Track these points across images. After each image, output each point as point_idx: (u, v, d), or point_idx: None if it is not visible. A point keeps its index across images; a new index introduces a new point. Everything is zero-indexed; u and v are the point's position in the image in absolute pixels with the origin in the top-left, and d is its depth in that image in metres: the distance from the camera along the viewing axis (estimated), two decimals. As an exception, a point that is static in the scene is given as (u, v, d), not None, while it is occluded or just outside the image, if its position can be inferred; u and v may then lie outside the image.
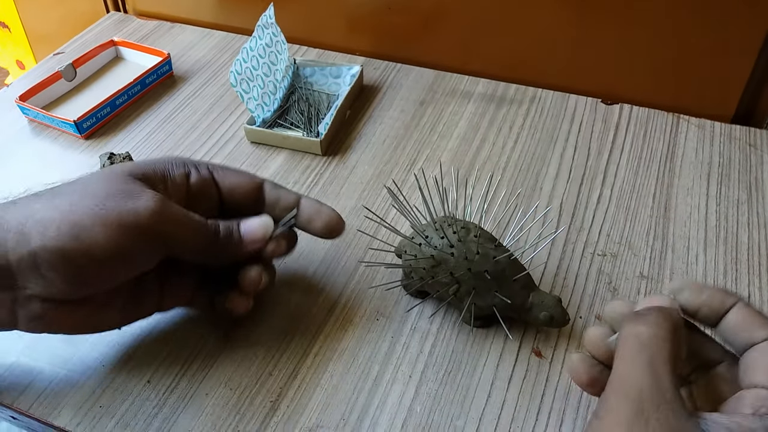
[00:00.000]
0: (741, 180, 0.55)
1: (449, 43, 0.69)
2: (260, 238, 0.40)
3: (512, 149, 0.59)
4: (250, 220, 0.40)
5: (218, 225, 0.39)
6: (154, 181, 0.39)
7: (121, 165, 0.39)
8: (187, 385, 0.41)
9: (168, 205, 0.37)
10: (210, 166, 0.42)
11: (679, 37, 0.60)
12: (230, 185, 0.41)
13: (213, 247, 0.39)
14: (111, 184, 0.36)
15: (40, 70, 0.70)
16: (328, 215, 0.42)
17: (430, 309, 0.45)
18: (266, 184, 0.42)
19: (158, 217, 0.36)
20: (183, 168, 0.40)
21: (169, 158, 0.41)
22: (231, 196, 0.42)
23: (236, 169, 0.43)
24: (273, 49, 0.60)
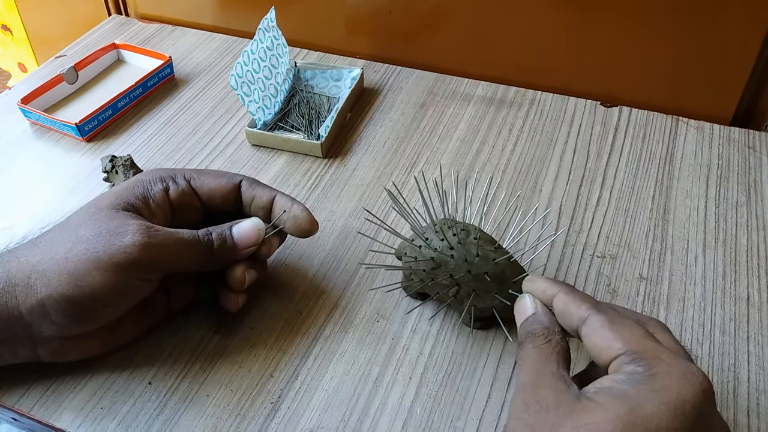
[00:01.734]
0: (740, 182, 0.55)
1: (449, 46, 0.69)
2: (254, 242, 0.41)
3: (512, 152, 0.59)
4: (241, 224, 0.41)
5: (210, 235, 0.40)
6: (138, 207, 0.39)
7: (104, 197, 0.40)
8: (188, 386, 0.41)
9: (155, 233, 0.38)
10: (186, 174, 0.42)
11: (677, 39, 0.60)
12: (209, 191, 0.42)
13: (209, 259, 0.40)
14: (97, 223, 0.38)
15: (42, 73, 0.70)
16: (296, 216, 0.42)
17: (430, 311, 0.45)
18: (243, 182, 0.43)
19: (147, 249, 0.37)
20: (161, 183, 0.41)
21: (146, 176, 0.41)
22: (211, 200, 0.42)
23: (214, 172, 0.43)
24: (274, 53, 0.60)
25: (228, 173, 0.43)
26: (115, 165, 0.55)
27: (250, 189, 0.42)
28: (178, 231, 0.39)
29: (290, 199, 0.42)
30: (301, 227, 0.42)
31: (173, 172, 0.42)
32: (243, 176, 0.43)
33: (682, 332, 0.44)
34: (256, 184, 0.43)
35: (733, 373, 0.41)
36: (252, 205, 0.42)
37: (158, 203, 0.40)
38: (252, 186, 0.43)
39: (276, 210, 0.42)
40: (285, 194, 0.43)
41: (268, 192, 0.42)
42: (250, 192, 0.42)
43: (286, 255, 0.49)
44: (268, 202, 0.42)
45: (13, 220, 0.53)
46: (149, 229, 0.37)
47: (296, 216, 0.42)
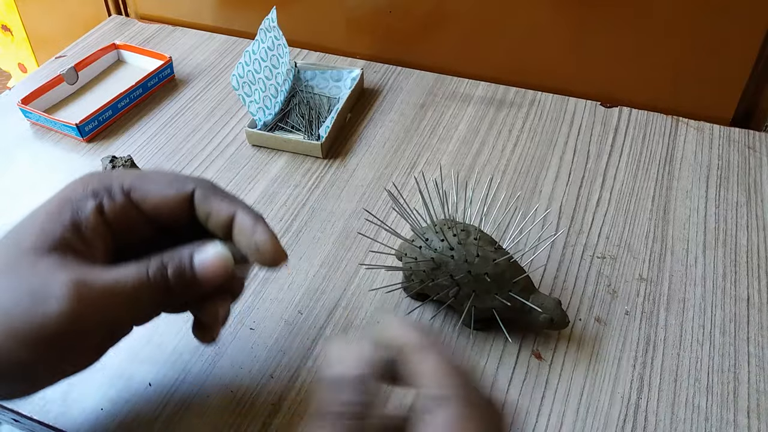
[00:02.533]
0: (740, 182, 0.55)
1: (449, 47, 0.69)
2: (221, 275, 0.32)
3: (512, 152, 0.59)
4: (203, 252, 0.32)
5: (164, 269, 0.31)
6: (68, 241, 0.31)
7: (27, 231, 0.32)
8: (189, 387, 0.41)
9: (86, 290, 0.29)
10: (126, 183, 0.33)
11: (677, 40, 0.60)
12: (154, 203, 0.33)
13: (165, 300, 0.32)
14: (16, 280, 0.30)
15: (42, 74, 0.70)
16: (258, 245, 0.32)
17: (431, 312, 0.45)
18: (196, 192, 0.33)
19: (78, 316, 0.29)
20: (93, 200, 0.32)
21: (76, 190, 0.33)
22: (158, 216, 0.34)
23: (160, 177, 0.34)
24: (275, 53, 0.60)
25: (179, 178, 0.34)
26: (115, 165, 0.55)
27: (204, 202, 0.33)
28: (119, 276, 0.30)
29: (253, 218, 0.33)
30: (264, 258, 0.32)
31: (109, 181, 0.33)
32: (197, 181, 0.34)
33: (682, 333, 0.44)
34: (212, 195, 0.33)
35: (733, 373, 0.41)
36: (208, 223, 0.33)
37: (92, 228, 0.32)
38: (207, 198, 0.33)
39: (237, 233, 0.33)
40: (247, 209, 0.33)
41: (226, 206, 0.33)
42: (205, 206, 0.33)
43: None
44: (227, 221, 0.33)
45: (13, 221, 0.53)
46: (79, 287, 0.29)
47: (258, 245, 0.32)
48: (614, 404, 0.40)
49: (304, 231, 0.51)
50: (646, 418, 0.39)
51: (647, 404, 0.40)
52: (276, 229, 0.52)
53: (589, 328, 0.44)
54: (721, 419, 0.39)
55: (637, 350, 0.43)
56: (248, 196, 0.55)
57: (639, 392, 0.40)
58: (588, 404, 0.40)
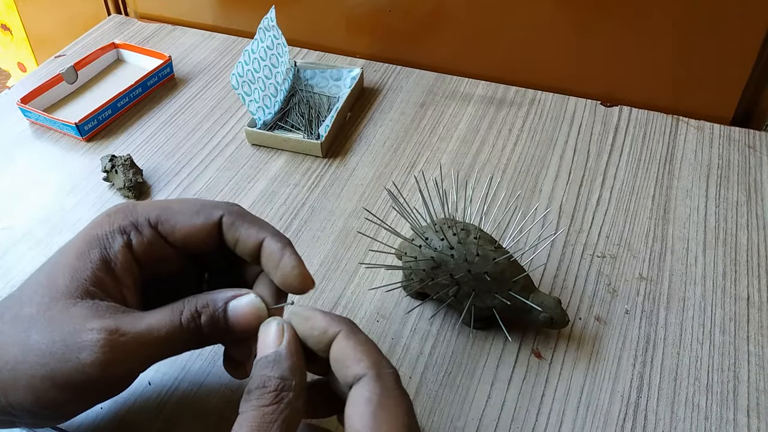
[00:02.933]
0: (740, 182, 0.55)
1: (449, 46, 0.69)
2: (254, 324, 0.32)
3: (512, 151, 0.59)
4: (238, 302, 0.32)
5: (197, 319, 0.31)
6: (99, 281, 0.32)
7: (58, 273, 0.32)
8: (188, 387, 0.41)
9: (119, 342, 0.29)
10: (153, 216, 0.34)
11: (678, 39, 0.60)
12: (182, 236, 0.33)
13: (196, 346, 0.32)
14: (51, 325, 0.30)
15: (42, 73, 0.70)
16: (284, 274, 0.32)
17: (430, 311, 0.45)
18: (224, 219, 0.33)
19: (112, 365, 0.29)
20: (121, 237, 0.33)
21: (103, 227, 0.33)
22: (187, 246, 0.34)
23: (188, 206, 0.34)
24: (274, 52, 0.60)
25: (206, 206, 0.34)
26: (114, 165, 0.55)
27: (232, 229, 0.33)
28: (151, 324, 0.30)
29: (282, 245, 0.33)
30: (290, 285, 0.32)
31: (135, 216, 0.34)
32: (224, 208, 0.34)
33: (682, 332, 0.44)
34: (240, 221, 0.33)
35: (733, 372, 0.41)
36: (236, 248, 0.34)
37: (121, 265, 0.32)
38: (235, 225, 0.33)
39: (265, 259, 0.33)
40: (277, 236, 0.33)
41: (254, 233, 0.33)
42: (233, 233, 0.33)
43: (286, 255, 0.49)
44: (255, 247, 0.33)
45: (12, 220, 0.53)
46: (112, 338, 0.29)
47: (285, 274, 0.32)
48: (614, 403, 0.40)
49: (303, 230, 0.51)
50: (645, 416, 0.39)
51: (647, 403, 0.40)
52: (275, 228, 0.52)
53: (589, 327, 0.44)
54: (720, 418, 0.39)
55: (637, 349, 0.43)
56: (248, 195, 0.55)
57: (639, 391, 0.40)
58: (588, 403, 0.40)
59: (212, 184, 0.56)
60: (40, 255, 0.50)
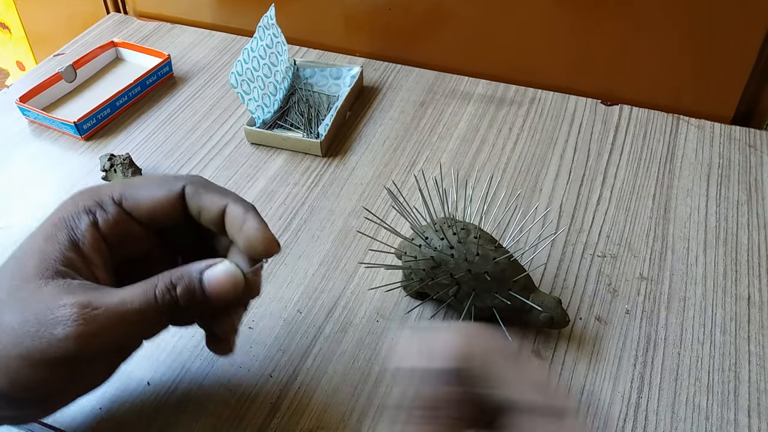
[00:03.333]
0: (741, 181, 0.55)
1: (449, 45, 0.69)
2: (231, 292, 0.32)
3: (512, 150, 0.59)
4: (212, 270, 0.32)
5: (173, 290, 0.31)
6: (68, 261, 0.31)
7: (27, 256, 0.32)
8: (187, 386, 0.41)
9: (93, 315, 0.29)
10: (116, 193, 0.34)
11: (678, 38, 0.60)
12: (146, 208, 0.34)
13: (174, 320, 0.32)
14: (22, 305, 0.30)
15: (41, 72, 0.70)
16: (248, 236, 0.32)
17: (430, 310, 0.45)
18: (187, 189, 0.34)
19: (86, 339, 0.29)
20: (87, 217, 0.33)
21: (68, 209, 0.33)
22: (153, 220, 0.34)
23: (149, 182, 0.34)
24: (273, 51, 0.60)
25: (167, 179, 0.34)
26: (113, 164, 0.55)
27: (195, 198, 0.34)
28: (125, 298, 0.30)
29: (244, 209, 0.33)
30: (255, 248, 0.32)
31: (99, 195, 0.34)
32: (186, 179, 0.34)
33: (682, 332, 0.43)
34: (203, 190, 0.34)
35: (734, 372, 0.41)
36: (201, 218, 0.34)
37: (90, 244, 0.32)
38: (198, 193, 0.34)
39: (228, 224, 0.33)
40: (239, 201, 0.33)
41: (217, 200, 0.33)
42: (196, 201, 0.34)
43: (286, 254, 0.49)
44: (219, 214, 0.33)
45: (11, 219, 0.53)
46: (85, 312, 0.29)
47: (248, 237, 0.32)
48: (614, 403, 0.40)
49: (303, 229, 0.51)
50: (646, 417, 0.39)
51: (647, 403, 0.40)
52: (275, 227, 0.51)
53: (590, 327, 0.44)
54: (721, 418, 0.39)
55: (638, 349, 0.42)
56: (247, 194, 0.55)
57: (639, 391, 0.40)
58: (588, 403, 0.40)
59: (211, 183, 0.56)
60: (38, 254, 0.50)
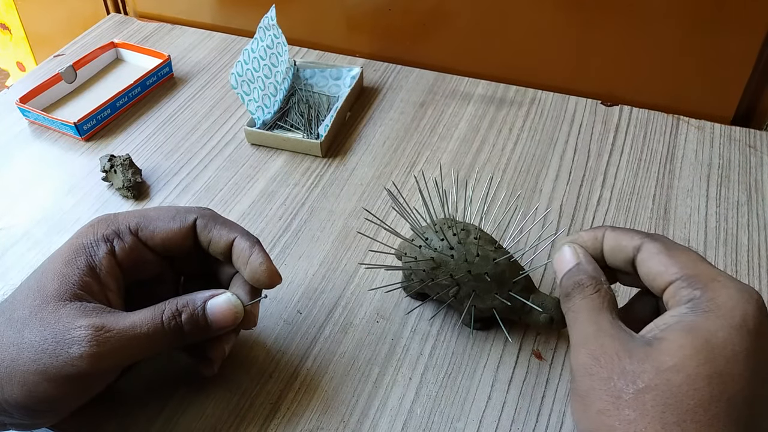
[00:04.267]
0: (741, 181, 0.55)
1: (449, 45, 0.69)
2: (231, 323, 0.36)
3: (512, 151, 0.59)
4: (215, 301, 0.36)
5: (178, 317, 0.34)
6: (86, 285, 0.35)
7: (48, 278, 0.35)
8: (187, 387, 0.41)
9: (105, 338, 0.32)
10: (132, 224, 0.37)
11: (678, 38, 0.60)
12: (161, 240, 0.37)
13: (177, 343, 0.35)
14: (42, 325, 0.33)
15: (41, 72, 0.70)
16: (253, 270, 0.36)
17: (430, 311, 0.45)
18: (198, 222, 0.37)
19: (98, 359, 0.32)
20: (105, 245, 0.36)
21: (88, 236, 0.36)
22: (166, 250, 0.38)
23: (164, 214, 0.38)
24: (274, 51, 0.60)
25: (180, 211, 0.38)
26: (113, 164, 0.55)
27: (205, 231, 0.37)
28: (135, 322, 0.33)
29: (251, 243, 0.37)
30: (259, 280, 0.37)
31: (117, 224, 0.37)
32: (198, 212, 0.38)
33: (683, 332, 0.43)
34: (213, 223, 0.37)
35: (734, 373, 0.41)
36: (210, 248, 0.38)
37: (107, 271, 0.36)
38: (208, 226, 0.37)
39: (235, 256, 0.37)
40: (246, 235, 0.37)
41: (225, 233, 0.37)
42: (206, 234, 0.37)
43: (286, 255, 0.49)
44: (227, 246, 0.37)
45: (11, 220, 0.53)
46: (98, 334, 0.32)
47: (253, 270, 0.36)
48: (615, 404, 0.40)
49: (303, 230, 0.51)
50: (646, 418, 0.39)
51: (648, 404, 0.40)
52: (275, 228, 0.51)
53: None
54: (722, 419, 0.39)
55: (638, 350, 0.42)
56: (247, 195, 0.55)
57: (640, 392, 0.40)
58: (588, 404, 0.40)
59: (211, 183, 0.56)
60: (39, 255, 0.50)
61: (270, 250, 0.50)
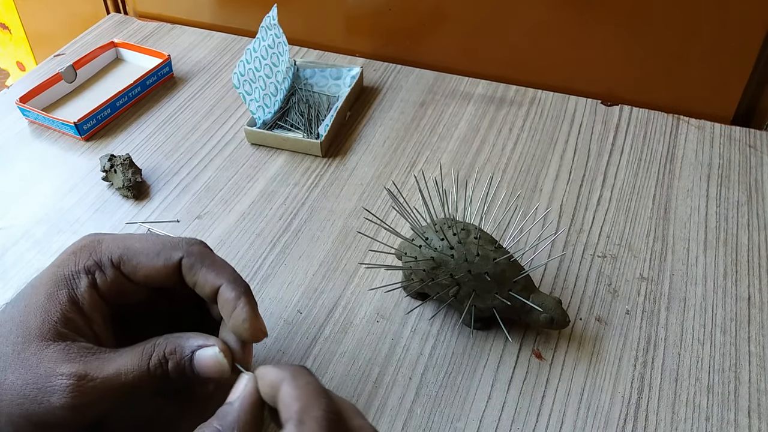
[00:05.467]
0: (741, 181, 0.55)
1: (449, 45, 0.69)
2: (217, 375, 0.33)
3: (512, 151, 0.59)
4: (203, 353, 0.33)
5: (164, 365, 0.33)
6: (69, 321, 0.33)
7: (31, 313, 0.33)
8: (188, 387, 0.41)
9: (88, 388, 0.31)
10: (115, 256, 0.35)
11: (678, 38, 0.60)
12: (144, 276, 0.35)
13: (162, 388, 0.34)
14: (24, 367, 0.31)
15: (41, 72, 0.70)
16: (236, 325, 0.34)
17: (431, 311, 0.45)
18: (184, 262, 0.34)
19: (82, 408, 0.31)
20: (86, 277, 0.34)
21: (68, 267, 0.34)
22: (148, 284, 0.35)
23: (150, 246, 0.35)
24: (275, 51, 0.60)
25: (166, 247, 0.35)
26: (113, 164, 0.55)
27: (191, 272, 0.34)
28: (120, 369, 0.32)
29: (236, 294, 0.34)
30: (241, 337, 0.34)
31: (99, 255, 0.35)
32: (185, 249, 0.35)
33: (683, 332, 0.43)
34: (199, 264, 0.34)
35: (734, 373, 0.41)
36: (196, 290, 0.35)
37: (90, 305, 0.34)
38: (193, 268, 0.34)
39: (220, 306, 0.34)
40: (233, 282, 0.34)
41: (212, 278, 0.34)
42: (191, 276, 0.34)
43: (286, 255, 0.49)
44: (213, 292, 0.34)
45: (11, 220, 0.53)
46: (81, 384, 0.31)
47: (236, 326, 0.33)
48: (615, 404, 0.40)
49: (303, 230, 0.51)
50: (646, 417, 0.39)
51: (648, 404, 0.40)
52: (275, 228, 0.51)
53: (590, 328, 0.44)
54: (721, 419, 0.39)
55: (638, 350, 0.42)
56: (247, 194, 0.55)
57: (640, 392, 0.40)
58: (588, 404, 0.40)
59: (211, 183, 0.56)
60: (39, 254, 0.50)
61: (270, 250, 0.50)
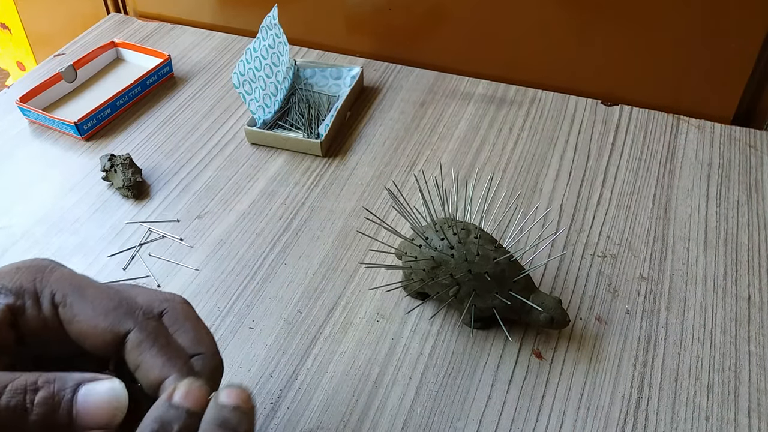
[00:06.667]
0: (741, 181, 0.55)
1: (449, 45, 0.69)
2: (104, 422, 0.25)
3: (512, 150, 0.59)
4: (94, 387, 0.25)
5: (31, 393, 0.24)
6: None
7: None
8: (188, 386, 0.41)
9: None
10: (61, 295, 0.28)
11: (678, 38, 0.60)
12: (78, 332, 0.27)
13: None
14: None
15: (41, 72, 0.70)
16: None
17: (431, 310, 0.45)
18: (131, 337, 0.27)
19: None
20: (13, 298, 0.27)
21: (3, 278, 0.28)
22: (81, 341, 0.28)
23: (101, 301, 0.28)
24: (275, 51, 0.60)
25: (120, 309, 0.28)
26: (113, 164, 0.55)
27: (136, 351, 0.27)
28: None
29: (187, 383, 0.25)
30: None
31: (42, 284, 0.28)
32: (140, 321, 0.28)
33: (683, 332, 0.43)
34: (149, 344, 0.27)
35: (734, 372, 0.41)
36: (138, 375, 0.27)
37: None
38: (141, 347, 0.27)
39: None
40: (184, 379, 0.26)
41: (159, 366, 0.26)
42: (135, 357, 0.27)
43: (286, 254, 0.49)
44: (155, 383, 0.26)
45: (11, 220, 0.53)
46: None
47: None
48: (615, 403, 0.40)
49: (303, 230, 0.51)
50: (646, 417, 0.39)
51: (648, 403, 0.40)
52: (275, 227, 0.51)
53: (590, 328, 0.44)
54: (721, 418, 0.39)
55: (638, 349, 0.42)
56: (247, 194, 0.55)
57: (640, 391, 0.40)
58: (588, 403, 0.40)
59: (212, 183, 0.56)
60: (38, 254, 0.50)
61: (270, 250, 0.50)
